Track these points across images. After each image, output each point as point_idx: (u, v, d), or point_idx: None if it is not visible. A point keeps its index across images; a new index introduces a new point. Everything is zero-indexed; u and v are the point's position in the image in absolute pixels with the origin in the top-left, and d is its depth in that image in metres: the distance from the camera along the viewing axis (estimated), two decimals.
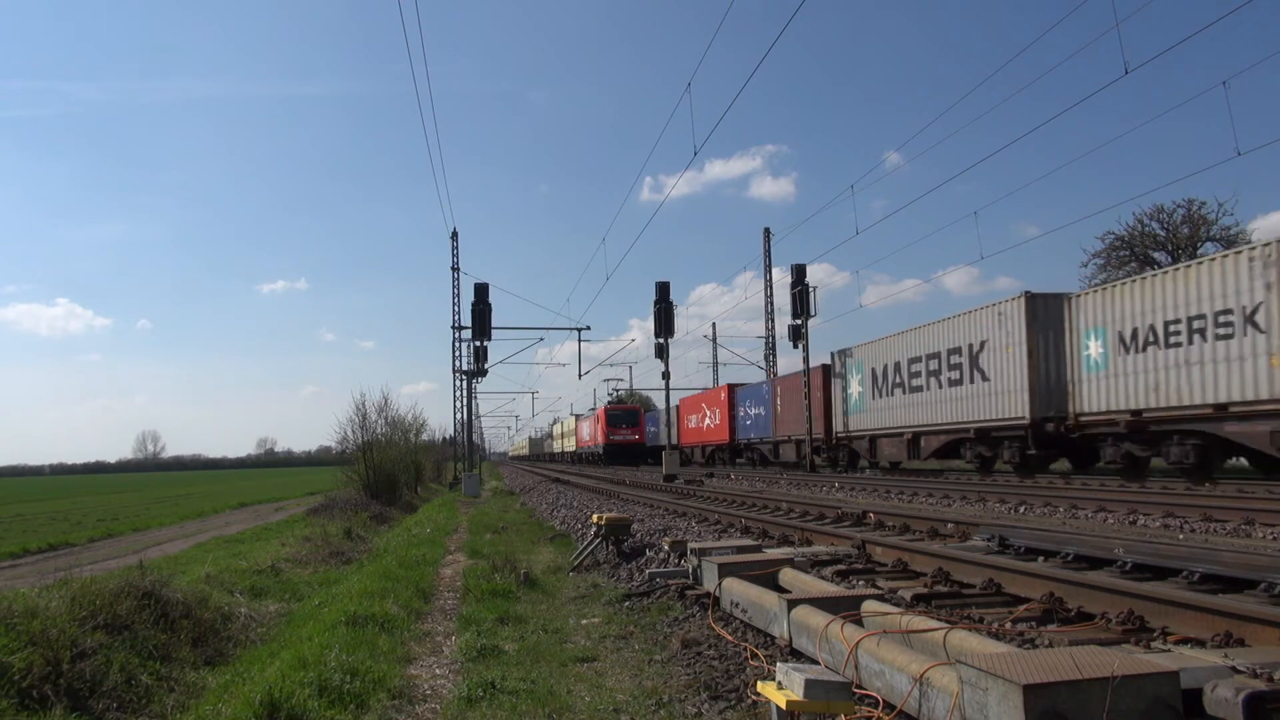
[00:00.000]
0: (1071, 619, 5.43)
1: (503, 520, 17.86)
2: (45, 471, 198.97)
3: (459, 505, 24.94)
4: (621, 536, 10.63)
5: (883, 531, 10.37)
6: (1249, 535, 9.84)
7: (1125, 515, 11.79)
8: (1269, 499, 12.47)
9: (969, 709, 3.25)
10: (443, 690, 5.53)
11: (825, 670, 4.10)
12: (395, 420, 33.60)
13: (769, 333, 45.44)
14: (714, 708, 4.57)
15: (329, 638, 6.46)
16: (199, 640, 7.27)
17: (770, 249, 42.47)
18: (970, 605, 6.07)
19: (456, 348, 38.60)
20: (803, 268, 33.38)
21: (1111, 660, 3.18)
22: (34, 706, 5.13)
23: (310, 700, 5.00)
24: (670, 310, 31.35)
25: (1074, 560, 7.02)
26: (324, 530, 16.46)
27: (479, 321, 33.19)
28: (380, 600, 8.04)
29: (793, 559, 7.37)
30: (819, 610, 5.04)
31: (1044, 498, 14.47)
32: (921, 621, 4.74)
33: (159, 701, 5.82)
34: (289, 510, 29.71)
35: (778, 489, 21.24)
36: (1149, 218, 38.61)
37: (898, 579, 7.34)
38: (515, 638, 6.79)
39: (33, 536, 22.92)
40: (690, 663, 5.47)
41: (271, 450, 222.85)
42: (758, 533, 10.88)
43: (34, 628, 5.74)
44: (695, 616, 6.67)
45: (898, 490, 18.37)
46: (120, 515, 31.92)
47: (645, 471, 40.86)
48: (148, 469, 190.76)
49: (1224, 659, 3.97)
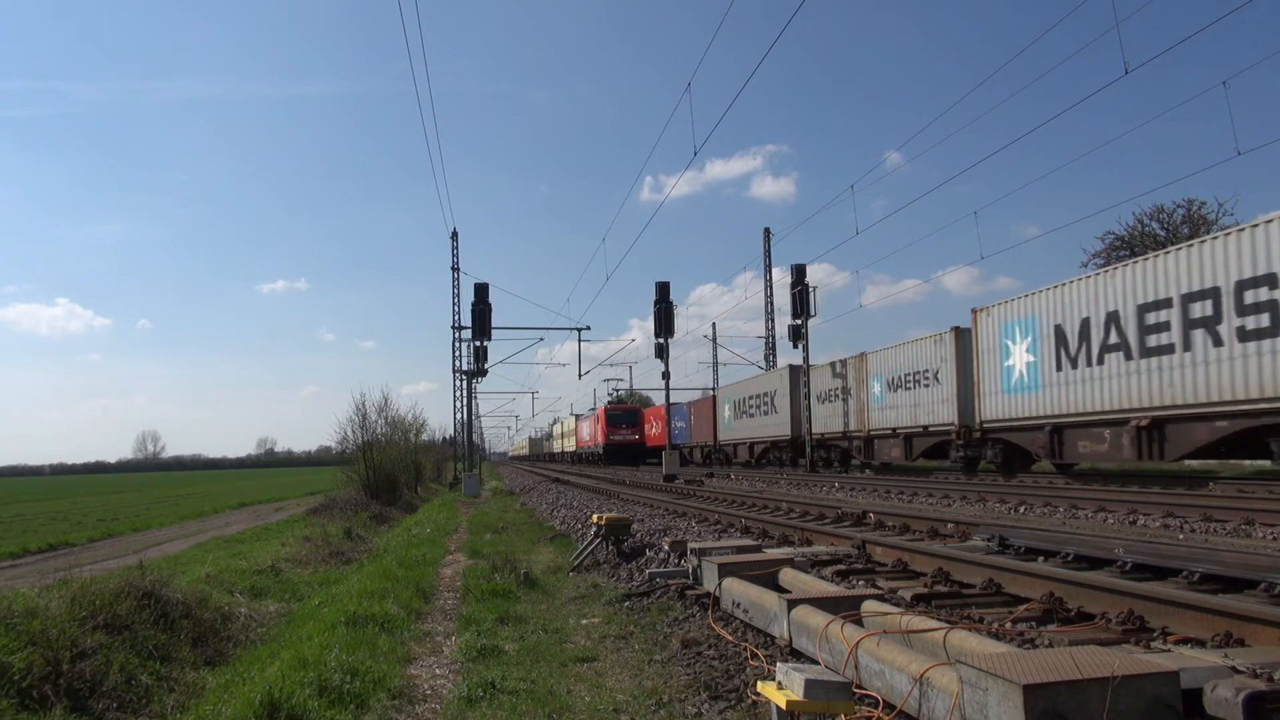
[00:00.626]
0: (1071, 619, 5.43)
1: (503, 520, 17.86)
2: (45, 471, 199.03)
3: (459, 505, 24.94)
4: (621, 536, 10.63)
5: (883, 531, 10.37)
6: (1249, 535, 9.84)
7: (1125, 515, 11.79)
8: (1269, 499, 12.47)
9: (969, 709, 3.25)
10: (443, 690, 5.53)
11: (825, 670, 4.10)
12: (395, 420, 33.65)
13: (769, 333, 45.53)
14: (714, 708, 4.57)
15: (329, 638, 6.46)
16: (199, 640, 7.26)
17: (770, 249, 42.54)
18: (970, 605, 6.07)
19: (456, 348, 38.65)
20: (803, 268, 33.40)
21: (1111, 660, 3.18)
22: (34, 706, 5.13)
23: (310, 700, 5.00)
24: (670, 310, 31.36)
25: (1074, 560, 7.02)
26: (324, 530, 16.46)
27: (479, 321, 33.19)
28: (380, 600, 8.04)
29: (793, 559, 7.37)
30: (819, 610, 5.03)
31: (1044, 498, 14.47)
32: (921, 621, 4.74)
33: (159, 701, 5.82)
34: (289, 510, 29.71)
35: (778, 489, 21.24)
36: (1149, 218, 38.67)
37: (898, 579, 7.34)
38: (515, 638, 6.79)
39: (33, 536, 22.93)
40: (690, 663, 5.47)
41: (271, 450, 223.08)
42: (758, 533, 10.88)
43: (34, 628, 5.74)
44: (695, 616, 6.67)
45: (898, 490, 18.37)
46: (120, 515, 31.93)
47: (645, 471, 40.87)
48: (148, 469, 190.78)
49: (1224, 659, 3.97)
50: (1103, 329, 18.47)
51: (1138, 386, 17.47)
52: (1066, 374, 19.48)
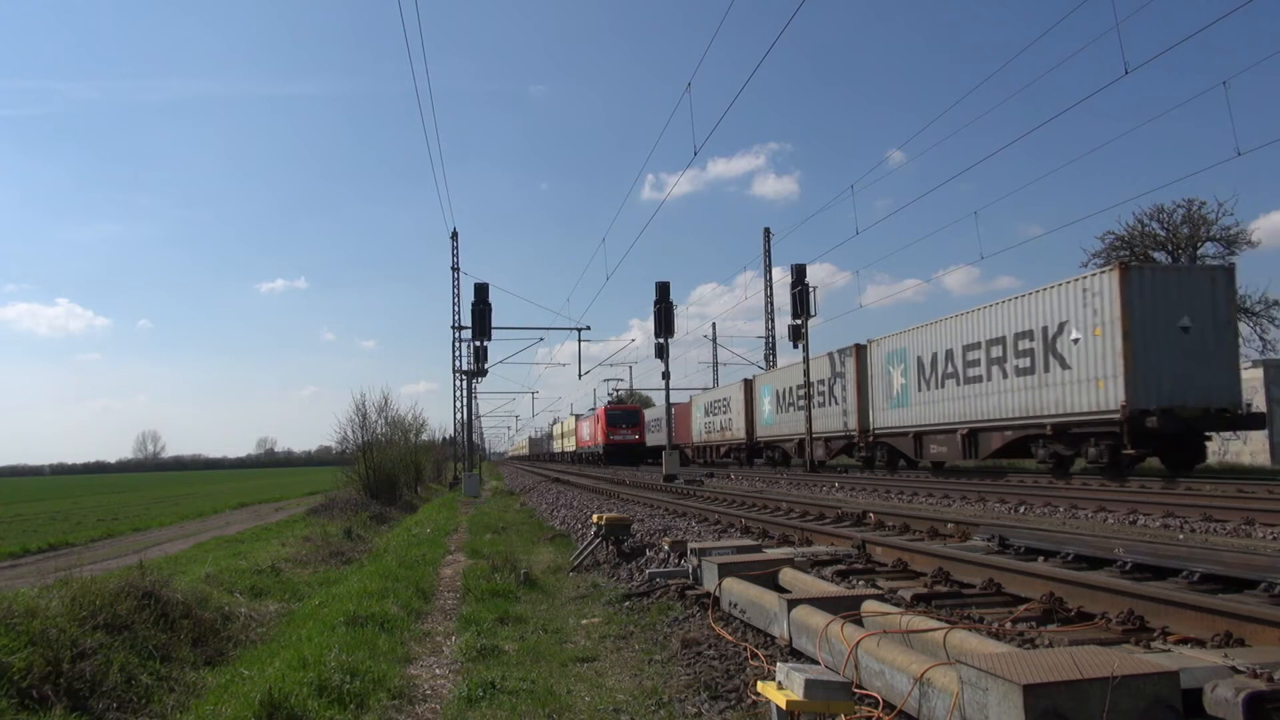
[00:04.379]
0: (1071, 619, 5.43)
1: (503, 520, 17.85)
2: (45, 471, 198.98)
3: (459, 505, 24.94)
4: (621, 536, 10.62)
5: (883, 531, 10.37)
6: (1249, 535, 9.84)
7: (1125, 515, 11.79)
8: (1269, 499, 12.47)
9: (969, 709, 3.25)
10: (443, 690, 5.53)
11: (825, 670, 4.10)
12: (395, 420, 33.66)
13: (769, 332, 45.52)
14: (714, 708, 4.57)
15: (329, 638, 6.46)
16: (199, 640, 7.26)
17: (770, 249, 42.54)
18: (970, 605, 6.07)
19: (456, 348, 38.63)
20: (803, 268, 33.40)
21: (1111, 660, 3.18)
22: (34, 706, 5.13)
23: (310, 700, 5.00)
24: (670, 310, 31.35)
25: (1074, 560, 7.01)
26: (324, 530, 16.46)
27: (479, 321, 33.18)
28: (380, 600, 8.05)
29: (793, 559, 7.37)
30: (819, 610, 5.03)
31: (1044, 498, 14.47)
32: (921, 621, 4.74)
33: (159, 701, 5.82)
34: (289, 510, 29.71)
35: (778, 489, 21.24)
36: (1149, 218, 38.59)
37: (898, 579, 7.34)
38: (515, 638, 6.79)
39: (33, 536, 22.93)
40: (690, 663, 5.47)
41: (271, 450, 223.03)
42: (758, 533, 10.88)
43: (34, 628, 5.74)
44: (695, 616, 6.67)
45: (898, 490, 18.37)
46: (120, 515, 31.93)
47: (645, 471, 40.86)
48: (148, 469, 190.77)
49: (1224, 659, 3.97)
50: (944, 362, 24.34)
51: (962, 406, 23.50)
52: (924, 395, 25.42)
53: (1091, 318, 18.64)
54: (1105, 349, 18.30)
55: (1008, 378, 21.38)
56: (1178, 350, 18.17)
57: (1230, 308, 18.94)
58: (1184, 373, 18.14)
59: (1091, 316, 18.64)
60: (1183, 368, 18.16)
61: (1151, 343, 18.01)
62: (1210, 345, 18.41)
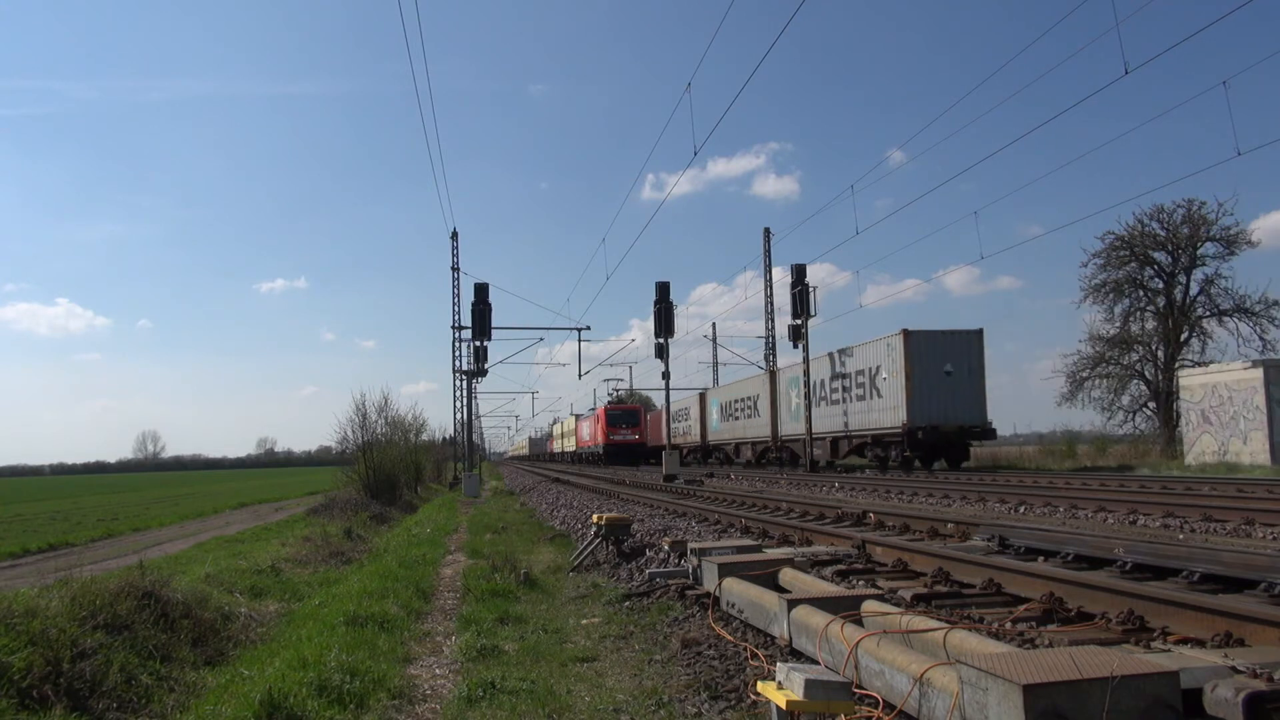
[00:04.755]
0: (1071, 619, 5.43)
1: (503, 520, 17.86)
2: (45, 471, 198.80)
3: (459, 505, 24.95)
4: (621, 536, 10.63)
5: (883, 531, 10.37)
6: (1249, 535, 9.84)
7: (1125, 515, 11.79)
8: (1269, 499, 12.48)
9: (969, 709, 3.25)
10: (443, 690, 5.53)
11: (825, 670, 4.11)
12: (395, 420, 33.57)
13: (769, 333, 45.45)
14: (714, 708, 4.57)
15: (329, 638, 6.46)
16: (199, 640, 7.26)
17: (770, 249, 42.51)
18: (970, 605, 6.07)
19: (456, 348, 38.64)
20: (803, 268, 33.41)
21: (1111, 660, 3.18)
22: (34, 706, 5.12)
23: (310, 700, 5.00)
24: (670, 310, 31.34)
25: (1074, 560, 7.02)
26: (324, 530, 16.45)
27: (479, 321, 33.19)
28: (380, 600, 8.05)
29: (793, 559, 7.38)
30: (819, 610, 5.04)
31: (1044, 498, 14.47)
32: (921, 621, 4.74)
33: (159, 701, 5.82)
34: (289, 510, 29.70)
35: (778, 489, 21.25)
36: (1149, 218, 38.48)
37: (898, 579, 7.34)
38: (515, 638, 6.79)
39: (33, 536, 22.91)
40: (690, 663, 5.47)
41: (271, 450, 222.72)
42: (758, 533, 10.89)
43: (34, 628, 5.73)
44: (695, 616, 6.67)
45: (898, 490, 18.37)
46: (120, 515, 31.93)
47: (645, 471, 40.87)
48: (148, 469, 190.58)
49: (1224, 659, 3.97)
50: (823, 387, 33.88)
51: (830, 420, 33.02)
52: (812, 411, 33.82)
53: (892, 364, 28.20)
54: (898, 385, 27.61)
55: (852, 402, 31.07)
56: (942, 387, 27.45)
57: (979, 359, 28.06)
58: (946, 402, 27.40)
59: (892, 363, 28.20)
60: (945, 399, 27.40)
61: (924, 382, 27.33)
62: (965, 384, 27.63)
